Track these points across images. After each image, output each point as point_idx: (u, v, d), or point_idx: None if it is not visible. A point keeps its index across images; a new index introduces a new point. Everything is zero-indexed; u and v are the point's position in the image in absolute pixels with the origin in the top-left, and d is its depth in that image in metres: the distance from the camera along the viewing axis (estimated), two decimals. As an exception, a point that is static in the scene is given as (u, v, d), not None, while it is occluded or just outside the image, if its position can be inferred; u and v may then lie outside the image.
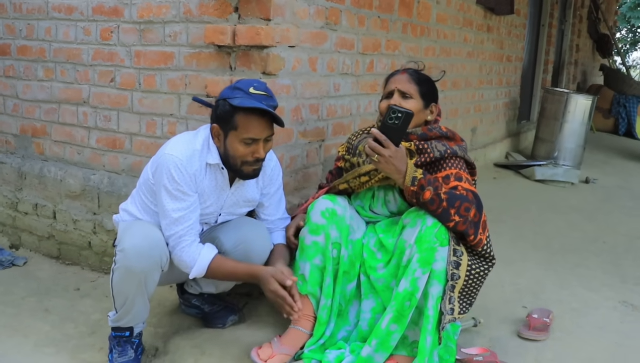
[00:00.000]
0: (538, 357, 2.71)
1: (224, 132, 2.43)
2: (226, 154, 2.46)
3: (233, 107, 2.36)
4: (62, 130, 3.71)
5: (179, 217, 2.42)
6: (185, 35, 3.10)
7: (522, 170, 6.65)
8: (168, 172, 2.40)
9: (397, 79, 2.67)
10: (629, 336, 2.96)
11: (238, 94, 2.37)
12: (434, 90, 2.73)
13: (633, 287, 3.59)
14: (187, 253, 2.43)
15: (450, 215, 2.40)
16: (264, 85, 2.43)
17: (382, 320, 2.43)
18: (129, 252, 2.33)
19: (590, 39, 13.15)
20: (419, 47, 4.55)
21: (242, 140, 2.40)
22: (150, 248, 2.36)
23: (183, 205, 2.42)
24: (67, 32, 3.56)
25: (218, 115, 2.43)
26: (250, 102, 2.34)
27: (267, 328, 2.80)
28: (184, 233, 2.43)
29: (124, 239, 2.38)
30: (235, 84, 2.43)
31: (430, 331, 2.40)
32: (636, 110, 11.19)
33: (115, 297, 2.42)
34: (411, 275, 2.39)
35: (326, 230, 2.57)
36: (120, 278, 2.37)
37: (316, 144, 3.34)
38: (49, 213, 3.77)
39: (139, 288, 2.40)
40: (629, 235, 4.67)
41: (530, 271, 3.72)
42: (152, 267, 2.39)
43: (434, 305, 2.41)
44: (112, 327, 2.52)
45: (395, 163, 2.41)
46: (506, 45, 6.89)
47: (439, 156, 2.54)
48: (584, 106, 7.00)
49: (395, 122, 2.39)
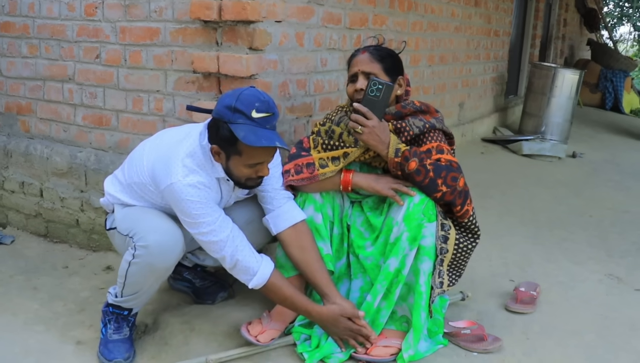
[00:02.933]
0: (525, 329, 2.74)
1: (226, 154, 2.27)
2: (229, 171, 2.32)
3: (235, 137, 2.17)
4: (47, 107, 3.68)
5: (220, 223, 2.29)
6: (170, 11, 3.07)
7: (509, 145, 6.66)
8: (188, 199, 2.25)
9: (358, 61, 2.56)
10: (615, 308, 2.99)
11: (239, 118, 2.17)
12: (398, 62, 2.62)
13: (619, 260, 3.63)
14: (246, 257, 2.33)
15: (437, 186, 2.40)
16: (266, 103, 2.21)
17: (374, 299, 2.45)
18: (154, 250, 2.27)
19: (578, 13, 13.14)
20: (406, 21, 4.53)
21: (247, 165, 2.28)
22: (175, 246, 2.32)
23: (215, 215, 2.29)
24: (50, 8, 3.51)
25: (219, 137, 2.23)
26: (256, 139, 2.15)
27: (256, 304, 2.81)
28: (234, 236, 2.32)
29: (145, 234, 2.30)
30: (235, 103, 2.18)
31: (423, 307, 2.42)
32: (623, 84, 11.24)
33: (127, 286, 2.37)
34: (401, 253, 2.40)
35: (324, 209, 2.58)
36: (139, 273, 2.33)
37: (304, 119, 3.33)
38: (36, 191, 3.75)
39: (156, 282, 2.41)
40: (615, 209, 4.71)
41: (517, 245, 3.75)
42: (174, 264, 2.38)
43: (425, 282, 2.43)
44: (112, 304, 2.49)
45: (379, 133, 2.40)
46: (494, 20, 6.87)
47: (418, 132, 2.52)
48: (571, 81, 7.01)
49: (376, 95, 2.39)
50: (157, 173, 2.33)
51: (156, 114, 3.22)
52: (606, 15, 17.77)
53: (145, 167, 2.40)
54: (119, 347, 2.44)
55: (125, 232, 2.39)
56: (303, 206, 2.57)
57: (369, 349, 2.43)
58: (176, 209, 2.32)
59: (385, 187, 2.48)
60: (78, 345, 2.57)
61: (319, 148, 2.59)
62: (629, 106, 11.61)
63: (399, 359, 2.41)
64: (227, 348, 2.47)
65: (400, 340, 2.46)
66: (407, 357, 2.39)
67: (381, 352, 2.43)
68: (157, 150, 2.41)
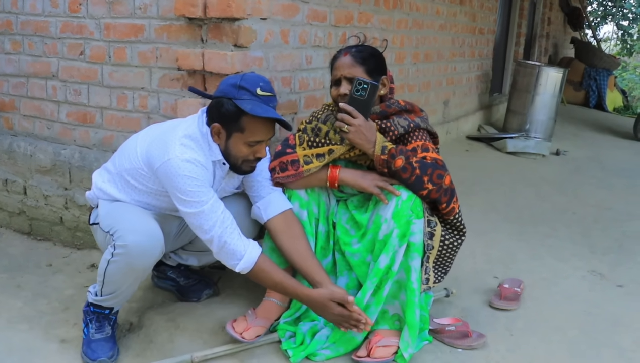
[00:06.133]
0: (509, 326, 2.76)
1: (227, 132, 2.32)
2: (227, 151, 2.36)
3: (240, 110, 2.24)
4: (31, 104, 3.65)
5: (211, 206, 2.29)
6: (155, 7, 3.06)
7: (494, 143, 6.70)
8: (185, 174, 2.25)
9: (341, 64, 2.55)
10: (597, 304, 3.02)
11: (245, 95, 2.25)
12: (381, 62, 2.61)
13: (601, 256, 3.66)
14: (234, 241, 2.31)
15: (423, 183, 2.41)
16: (269, 84, 2.32)
17: (364, 295, 2.45)
18: (133, 250, 2.26)
19: (562, 12, 13.22)
20: (391, 19, 4.54)
21: (247, 143, 2.31)
22: (154, 247, 2.31)
23: (209, 196, 2.29)
24: (34, 4, 3.48)
25: (221, 114, 2.29)
26: (263, 110, 2.24)
27: (241, 301, 2.81)
28: (224, 218, 2.30)
29: (125, 233, 2.28)
30: (239, 82, 2.27)
31: (417, 304, 2.43)
32: (606, 83, 11.33)
33: (106, 284, 2.37)
34: (391, 250, 2.41)
35: (310, 206, 2.58)
36: (118, 272, 2.32)
37: (289, 116, 3.33)
38: (19, 188, 3.73)
39: (135, 282, 2.40)
40: (598, 206, 4.75)
41: (501, 242, 3.77)
42: (153, 263, 2.37)
43: (417, 279, 2.43)
44: (92, 303, 2.48)
45: (365, 132, 2.42)
46: (478, 18, 6.89)
47: (403, 131, 2.53)
48: (555, 79, 7.06)
49: (362, 94, 2.41)
50: (152, 153, 2.34)
51: (141, 111, 3.21)
52: (590, 14, 17.88)
53: (139, 153, 2.41)
54: (102, 346, 2.43)
55: (106, 229, 2.38)
56: None
57: (370, 352, 2.42)
58: (170, 186, 2.30)
59: (371, 184, 2.48)
60: (62, 343, 2.56)
61: (304, 145, 2.59)
62: (612, 104, 11.71)
63: (398, 359, 2.42)
64: (212, 345, 2.47)
65: (396, 339, 2.47)
66: (407, 356, 2.40)
67: (383, 353, 2.43)
68: (151, 136, 2.44)
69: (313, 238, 2.59)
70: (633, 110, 12.36)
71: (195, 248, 2.77)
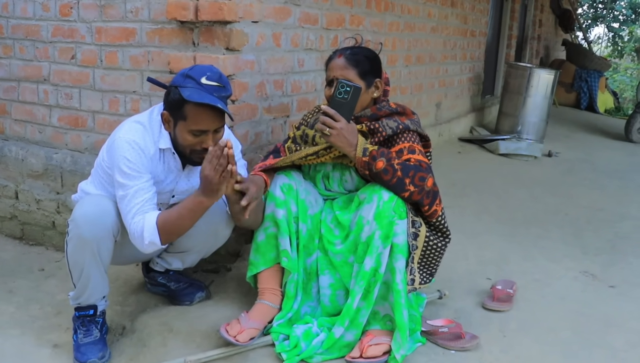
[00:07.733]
0: (502, 327, 2.77)
1: (174, 120, 2.36)
2: (176, 140, 2.40)
3: (182, 98, 2.27)
4: (22, 108, 3.64)
5: (135, 192, 2.32)
6: (147, 11, 3.05)
7: (486, 145, 6.71)
8: (122, 154, 2.33)
9: (334, 66, 2.57)
10: (590, 305, 3.03)
11: (189, 83, 2.28)
12: (376, 65, 2.63)
13: (593, 257, 3.67)
14: (137, 223, 2.31)
15: (405, 185, 2.41)
16: (218, 75, 2.32)
17: (353, 300, 2.45)
18: (79, 220, 2.32)
19: (553, 14, 13.26)
20: (383, 22, 4.55)
21: (191, 131, 2.32)
22: (100, 216, 2.35)
23: (137, 182, 2.34)
24: (25, 8, 3.47)
25: (169, 102, 2.35)
26: (199, 96, 2.24)
27: (234, 304, 2.81)
28: (139, 208, 2.32)
29: (75, 210, 2.37)
30: (188, 71, 2.31)
31: (404, 305, 2.42)
32: (598, 84, 11.37)
33: (72, 269, 2.42)
34: (375, 252, 2.41)
35: (287, 205, 2.58)
36: (74, 248, 2.37)
37: (281, 119, 3.33)
38: (11, 193, 3.71)
39: (94, 258, 2.38)
40: (590, 207, 4.76)
41: (494, 243, 3.78)
42: (103, 235, 2.36)
43: (402, 279, 2.43)
44: (75, 306, 2.50)
45: (347, 135, 2.43)
46: (470, 20, 6.92)
47: (391, 133, 2.54)
48: (547, 81, 7.09)
49: (344, 97, 2.41)
50: (109, 141, 2.44)
51: (132, 115, 3.19)
52: (580, 16, 17.96)
53: (105, 147, 2.50)
54: (91, 348, 2.45)
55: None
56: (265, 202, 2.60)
57: (362, 351, 2.42)
58: (113, 167, 2.37)
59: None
60: (55, 348, 2.56)
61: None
62: (603, 106, 11.75)
63: (391, 360, 2.41)
64: (206, 349, 2.46)
65: (388, 337, 2.47)
66: (399, 357, 2.39)
67: (374, 352, 2.43)
68: None
69: (286, 237, 2.58)
70: (624, 111, 12.39)
71: (175, 249, 2.78)
